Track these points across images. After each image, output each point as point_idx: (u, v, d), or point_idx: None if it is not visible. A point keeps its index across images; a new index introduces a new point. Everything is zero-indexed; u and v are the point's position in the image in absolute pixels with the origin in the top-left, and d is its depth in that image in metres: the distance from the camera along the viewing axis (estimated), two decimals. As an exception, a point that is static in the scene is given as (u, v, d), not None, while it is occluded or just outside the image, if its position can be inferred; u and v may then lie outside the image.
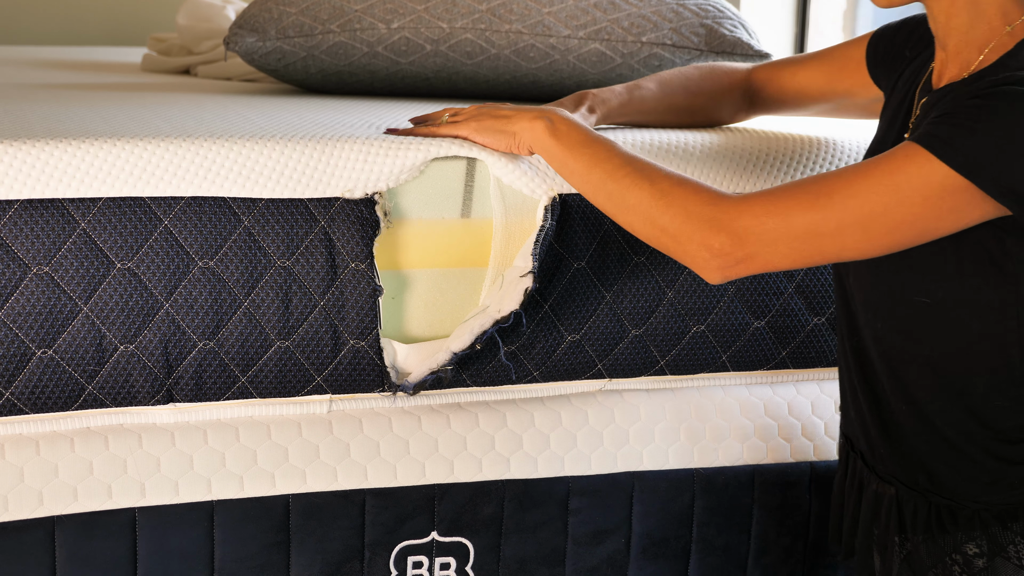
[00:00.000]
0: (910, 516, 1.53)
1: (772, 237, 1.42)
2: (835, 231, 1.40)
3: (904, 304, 1.48)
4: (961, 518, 1.50)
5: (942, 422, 1.49)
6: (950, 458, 1.50)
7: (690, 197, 1.46)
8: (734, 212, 1.43)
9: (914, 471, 1.53)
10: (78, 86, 2.46)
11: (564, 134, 1.58)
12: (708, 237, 1.43)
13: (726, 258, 1.43)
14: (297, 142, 1.63)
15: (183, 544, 1.65)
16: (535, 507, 1.76)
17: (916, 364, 1.49)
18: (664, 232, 1.47)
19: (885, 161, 1.39)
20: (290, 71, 2.26)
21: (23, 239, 1.54)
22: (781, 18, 3.96)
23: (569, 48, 2.19)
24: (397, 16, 2.18)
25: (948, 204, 1.36)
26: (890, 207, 1.38)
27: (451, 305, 1.71)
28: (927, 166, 1.36)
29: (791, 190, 1.42)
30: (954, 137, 1.35)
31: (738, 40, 2.21)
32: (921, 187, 1.36)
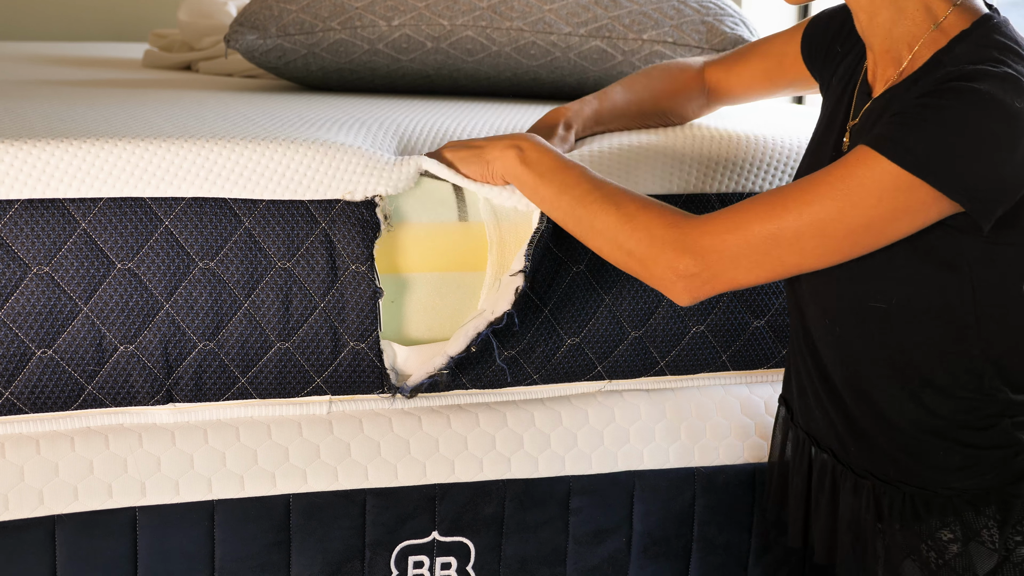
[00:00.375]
0: (887, 506, 1.54)
1: (733, 253, 1.43)
2: (793, 239, 1.41)
3: (862, 310, 1.49)
4: (934, 505, 1.50)
5: (906, 420, 1.50)
6: (917, 451, 1.50)
7: (654, 220, 1.48)
8: (696, 233, 1.45)
9: (884, 465, 1.53)
10: (79, 83, 2.46)
11: (534, 161, 1.61)
12: (673, 260, 1.46)
13: (692, 279, 1.46)
14: (298, 144, 1.62)
15: (183, 543, 1.65)
16: (536, 507, 1.76)
17: (876, 366, 1.50)
18: (631, 256, 1.50)
19: (838, 167, 1.40)
20: (291, 68, 2.26)
21: (23, 239, 1.54)
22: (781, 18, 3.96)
23: (570, 45, 2.19)
24: (398, 13, 2.18)
25: (902, 204, 1.37)
26: (845, 211, 1.38)
27: (450, 309, 1.71)
28: (878, 167, 1.36)
29: (748, 204, 1.44)
30: (904, 137, 1.36)
31: (739, 37, 2.21)
32: (874, 188, 1.37)
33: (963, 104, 1.34)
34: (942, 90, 1.36)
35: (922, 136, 1.35)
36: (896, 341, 1.47)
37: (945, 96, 1.36)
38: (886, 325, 1.47)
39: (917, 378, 1.48)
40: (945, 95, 1.36)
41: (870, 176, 1.37)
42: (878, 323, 1.48)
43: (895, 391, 1.49)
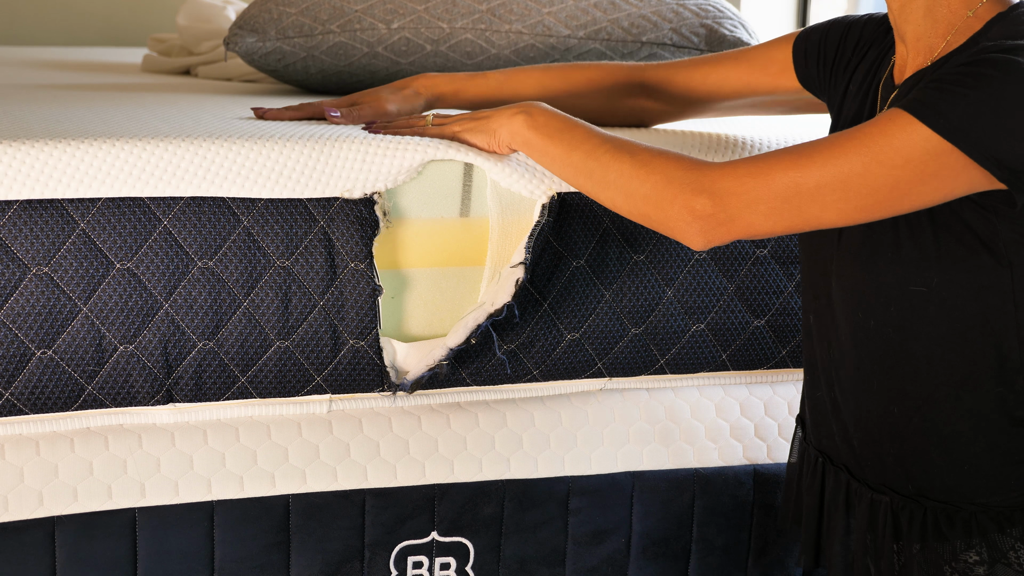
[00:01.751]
0: (906, 523, 1.51)
1: (753, 197, 1.40)
2: (815, 190, 1.38)
3: (899, 297, 1.46)
4: (958, 522, 1.47)
5: (941, 419, 1.47)
6: (948, 457, 1.48)
7: (670, 164, 1.46)
8: (715, 174, 1.42)
9: (906, 477, 1.50)
10: (78, 87, 2.46)
11: (542, 125, 1.59)
12: (690, 199, 1.43)
13: (708, 220, 1.43)
14: (296, 142, 1.63)
15: (183, 544, 1.65)
16: (535, 507, 1.76)
17: (912, 360, 1.47)
18: (646, 200, 1.47)
19: (868, 126, 1.38)
20: (290, 71, 2.26)
21: (23, 239, 1.54)
22: (781, 18, 3.97)
23: (569, 48, 2.19)
24: (397, 16, 2.18)
25: (930, 168, 1.34)
26: (870, 167, 1.36)
27: (451, 304, 1.71)
28: (909, 128, 1.34)
29: (773, 153, 1.42)
30: (939, 102, 1.34)
31: (738, 40, 2.21)
32: (903, 149, 1.35)
33: (1001, 74, 1.32)
34: (981, 60, 1.34)
35: (957, 102, 1.33)
36: (936, 328, 1.44)
37: (983, 66, 1.34)
38: (924, 313, 1.45)
39: (955, 373, 1.45)
40: (983, 65, 1.34)
41: (901, 136, 1.35)
42: (916, 311, 1.45)
43: (932, 387, 1.46)
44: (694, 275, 1.76)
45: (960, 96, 1.33)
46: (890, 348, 1.48)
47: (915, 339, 1.46)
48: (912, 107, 1.35)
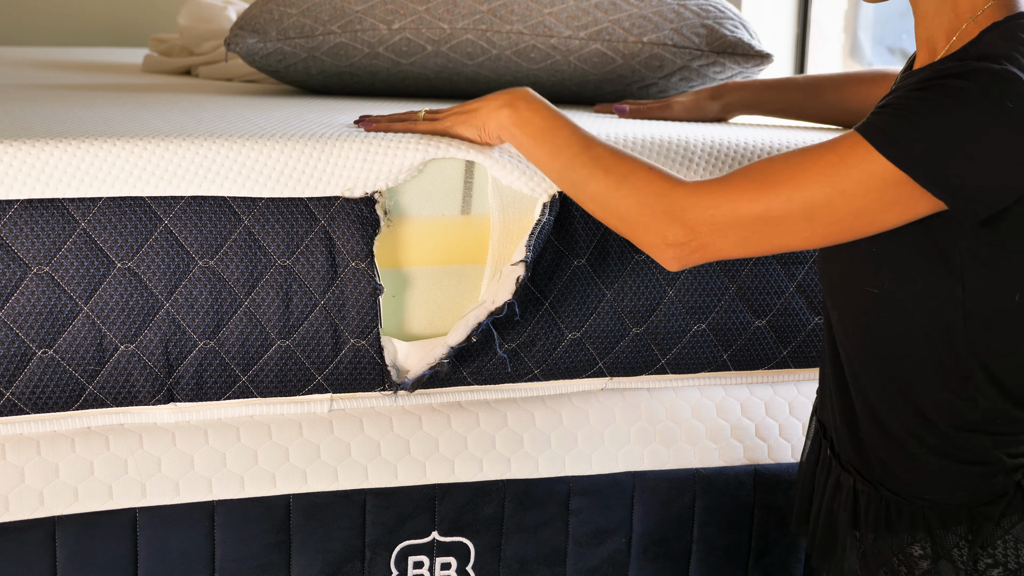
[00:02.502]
0: (863, 509, 1.54)
1: (723, 227, 1.44)
2: (781, 220, 1.41)
3: (856, 295, 1.49)
4: (906, 514, 1.50)
5: (889, 416, 1.50)
6: (897, 452, 1.50)
7: (643, 188, 1.48)
8: (686, 203, 1.45)
9: (870, 461, 1.54)
10: (79, 87, 2.46)
11: (526, 121, 1.60)
12: (662, 228, 1.46)
13: (681, 248, 1.46)
14: (297, 141, 1.63)
15: (184, 544, 1.65)
16: (536, 507, 1.76)
17: (866, 356, 1.50)
18: (622, 221, 1.50)
19: (829, 151, 1.39)
20: (291, 72, 2.26)
21: (23, 239, 1.54)
22: (782, 18, 3.97)
23: (570, 49, 2.19)
24: (398, 17, 2.18)
25: (889, 196, 1.37)
26: (833, 198, 1.38)
27: (452, 302, 1.71)
28: (867, 157, 1.36)
29: (740, 178, 1.44)
30: (892, 128, 1.35)
31: (739, 40, 2.21)
32: (862, 179, 1.37)
33: (951, 99, 1.33)
34: (934, 84, 1.35)
35: (908, 129, 1.34)
36: (886, 330, 1.47)
37: (935, 90, 1.35)
38: (877, 311, 1.47)
39: (904, 371, 1.47)
40: (934, 89, 1.35)
41: (859, 166, 1.37)
42: (871, 309, 1.48)
43: (884, 382, 1.49)
44: (695, 275, 1.76)
45: (914, 124, 1.34)
46: (851, 343, 1.52)
47: (868, 337, 1.49)
48: (869, 133, 1.37)
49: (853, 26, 3.97)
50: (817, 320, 1.82)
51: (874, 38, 3.99)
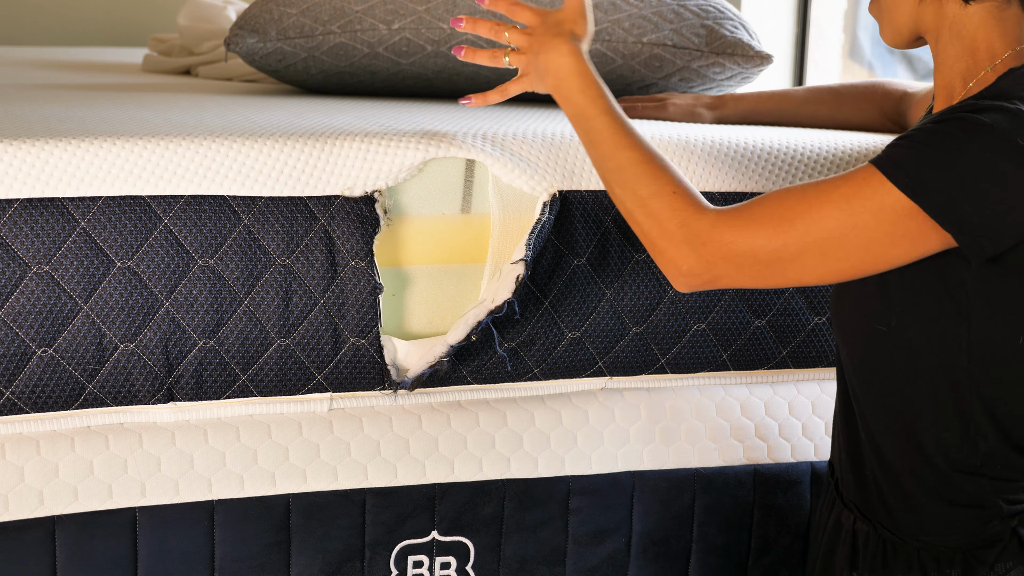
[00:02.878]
0: (861, 548, 1.55)
1: (738, 263, 1.44)
2: (796, 257, 1.41)
3: (864, 332, 1.49)
4: (902, 555, 1.51)
5: (892, 454, 1.50)
6: (896, 491, 1.51)
7: (664, 212, 1.47)
8: (705, 236, 1.44)
9: (871, 500, 1.54)
10: (79, 86, 2.46)
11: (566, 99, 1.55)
12: (678, 257, 1.46)
13: (695, 278, 1.46)
14: (296, 140, 1.63)
15: (183, 544, 1.65)
16: (535, 507, 1.76)
17: (872, 394, 1.51)
18: (644, 235, 1.50)
19: (844, 184, 1.39)
20: (291, 72, 2.26)
21: (23, 238, 1.54)
22: (781, 18, 3.97)
23: (569, 49, 2.19)
24: (398, 17, 2.18)
25: (900, 230, 1.37)
26: (847, 232, 1.39)
27: (452, 301, 1.71)
28: (880, 189, 1.37)
29: (757, 212, 1.43)
30: (906, 161, 1.36)
31: (739, 41, 2.21)
32: (875, 211, 1.37)
33: (966, 136, 1.34)
34: (950, 119, 1.36)
35: (921, 162, 1.35)
36: (892, 368, 1.48)
37: (950, 124, 1.35)
38: (885, 349, 1.48)
39: (908, 410, 1.48)
40: (950, 123, 1.35)
41: (872, 197, 1.37)
42: (879, 347, 1.48)
43: (888, 420, 1.50)
44: (695, 274, 1.76)
45: (926, 157, 1.35)
46: (859, 381, 1.52)
47: (875, 375, 1.50)
48: (883, 165, 1.37)
49: (853, 26, 3.97)
50: (816, 320, 1.82)
51: (873, 39, 3.99)
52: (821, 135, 1.87)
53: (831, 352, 1.85)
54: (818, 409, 1.88)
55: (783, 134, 1.85)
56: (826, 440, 1.88)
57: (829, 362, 1.87)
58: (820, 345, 1.84)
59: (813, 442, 1.87)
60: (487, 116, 1.92)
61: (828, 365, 1.87)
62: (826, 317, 1.82)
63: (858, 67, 3.97)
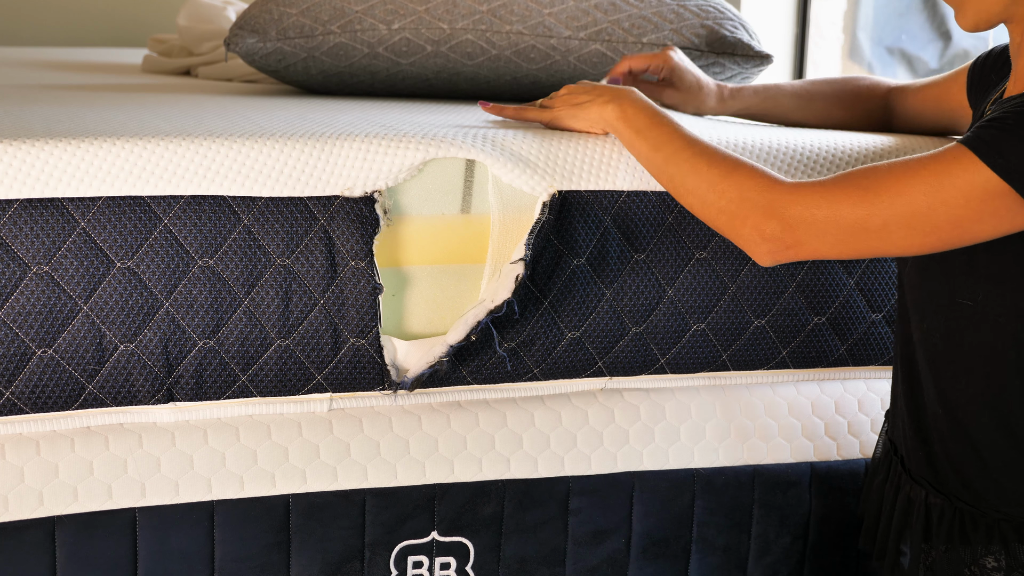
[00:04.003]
0: (936, 522, 1.55)
1: (821, 228, 1.45)
2: (881, 227, 1.43)
3: (948, 306, 1.50)
4: (982, 527, 1.51)
5: (974, 428, 1.51)
6: (978, 465, 1.51)
7: (745, 182, 1.50)
8: (787, 199, 1.47)
9: (944, 475, 1.55)
10: (78, 87, 2.46)
11: (631, 117, 1.65)
12: (761, 222, 1.48)
13: (776, 243, 1.48)
14: (296, 141, 1.63)
15: (183, 544, 1.65)
16: (535, 507, 1.76)
17: (954, 368, 1.51)
18: (720, 213, 1.52)
19: (933, 161, 1.41)
20: (291, 72, 2.26)
21: (23, 238, 1.54)
22: (781, 18, 3.97)
23: (570, 49, 2.19)
24: (398, 17, 2.18)
25: (989, 208, 1.38)
26: (934, 207, 1.40)
27: (452, 301, 1.71)
28: (971, 168, 1.38)
29: (842, 182, 1.45)
30: (998, 140, 1.37)
31: (739, 41, 2.21)
32: (964, 189, 1.38)
33: None
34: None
35: (1013, 142, 1.36)
36: (978, 341, 1.48)
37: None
38: (970, 323, 1.48)
39: (993, 383, 1.48)
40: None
41: (962, 176, 1.38)
42: (961, 323, 1.49)
43: (972, 394, 1.50)
44: (695, 274, 1.76)
45: (1017, 135, 1.36)
46: (937, 353, 1.53)
47: (958, 348, 1.51)
48: (974, 144, 1.38)
49: (852, 27, 3.97)
50: (817, 320, 1.82)
51: (873, 39, 3.99)
52: (821, 135, 1.87)
53: (831, 353, 1.85)
54: (818, 410, 1.88)
55: (782, 134, 1.85)
56: (826, 440, 1.87)
57: (829, 362, 1.86)
58: (820, 346, 1.84)
59: (813, 443, 1.87)
60: (486, 116, 1.92)
61: (828, 365, 1.87)
62: (826, 317, 1.82)
63: (858, 67, 3.97)
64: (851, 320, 1.83)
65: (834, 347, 1.85)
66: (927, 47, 3.89)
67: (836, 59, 4.00)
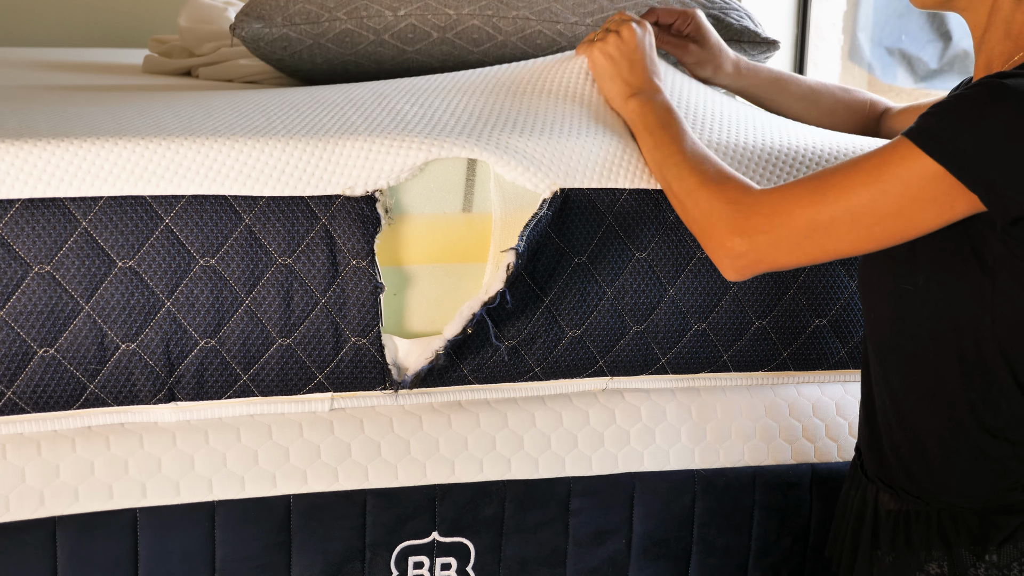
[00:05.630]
0: (883, 524, 1.56)
1: (777, 235, 1.48)
2: (829, 225, 1.45)
3: (891, 293, 1.51)
4: (922, 522, 1.52)
5: (914, 415, 1.52)
6: (919, 454, 1.52)
7: (716, 195, 1.54)
8: (748, 211, 1.50)
9: (890, 466, 1.56)
10: (79, 87, 2.46)
11: (647, 114, 1.73)
12: (725, 239, 1.51)
13: (740, 259, 1.50)
14: (298, 140, 1.63)
15: (184, 544, 1.65)
16: (536, 507, 1.76)
17: (897, 356, 1.53)
18: (694, 223, 1.57)
19: (876, 155, 1.43)
20: (296, 60, 2.25)
21: (24, 238, 1.54)
22: (781, 19, 3.97)
23: (576, 35, 2.19)
24: (404, 3, 2.18)
25: (928, 194, 1.39)
26: (876, 198, 1.42)
27: (453, 300, 1.71)
28: (909, 155, 1.39)
29: (794, 186, 1.48)
30: (933, 126, 1.38)
31: (745, 28, 2.22)
32: (903, 176, 1.40)
33: (990, 97, 1.36)
34: (977, 84, 1.38)
35: (947, 126, 1.37)
36: (918, 328, 1.49)
37: (977, 89, 1.38)
38: (911, 308, 1.49)
39: (933, 369, 1.49)
40: (977, 88, 1.38)
41: (900, 163, 1.40)
42: (904, 306, 1.50)
43: (912, 381, 1.51)
44: (696, 274, 1.76)
45: (952, 121, 1.37)
46: (883, 342, 1.55)
47: (901, 336, 1.52)
48: (912, 133, 1.40)
49: (852, 27, 3.98)
50: (818, 322, 1.82)
51: (873, 39, 3.99)
52: (821, 136, 1.87)
53: (832, 354, 1.85)
54: (819, 411, 1.88)
55: (783, 135, 1.85)
56: (827, 442, 1.88)
57: (830, 365, 1.86)
58: (821, 347, 1.84)
59: (814, 444, 1.87)
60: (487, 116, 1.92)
61: (829, 367, 1.87)
62: (827, 319, 1.82)
63: (857, 68, 3.97)
64: (852, 322, 1.83)
65: (835, 349, 1.85)
66: (927, 47, 3.89)
67: (836, 59, 4.01)
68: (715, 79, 2.02)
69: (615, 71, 1.80)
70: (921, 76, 3.89)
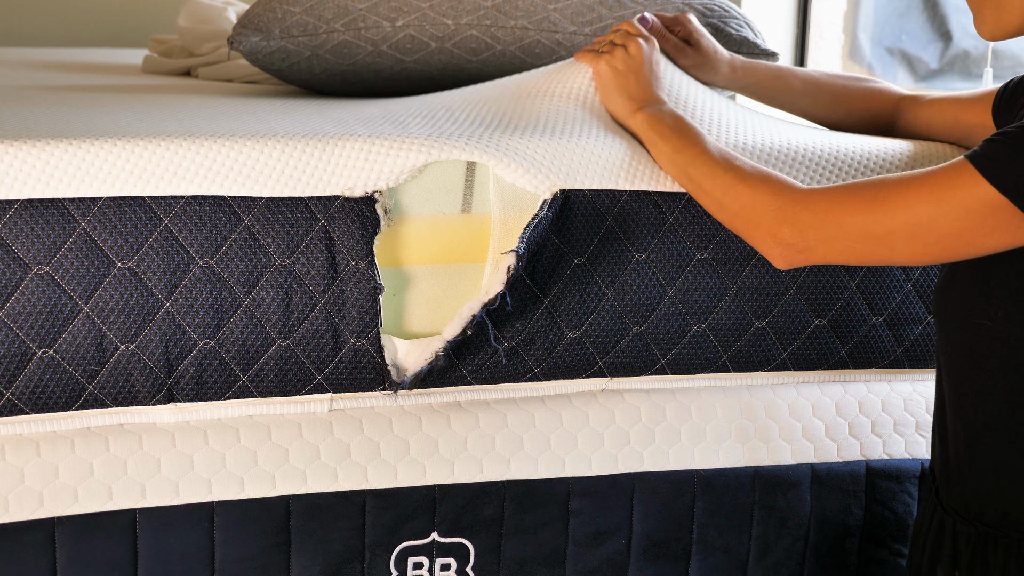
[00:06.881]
0: (963, 549, 1.55)
1: (829, 234, 1.48)
2: (885, 235, 1.45)
3: (967, 327, 1.51)
4: (1001, 549, 1.50)
5: (992, 450, 1.51)
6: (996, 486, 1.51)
7: (759, 187, 1.55)
8: (799, 205, 1.50)
9: (967, 499, 1.55)
10: (78, 87, 2.46)
11: (658, 121, 1.73)
12: (773, 227, 1.52)
13: (789, 248, 1.51)
14: (297, 141, 1.63)
15: (183, 545, 1.65)
16: (536, 508, 1.76)
17: (975, 388, 1.52)
18: (735, 217, 1.58)
19: (938, 174, 1.42)
20: (294, 71, 2.26)
21: (23, 239, 1.54)
22: (781, 18, 3.97)
23: (575, 44, 2.19)
24: (402, 14, 2.18)
25: (991, 221, 1.39)
26: (936, 219, 1.41)
27: (452, 301, 1.71)
28: (971, 181, 1.39)
29: (851, 190, 1.48)
30: (999, 155, 1.38)
31: (744, 39, 2.21)
32: (965, 201, 1.39)
33: None
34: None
35: (1013, 156, 1.36)
36: (998, 363, 1.48)
37: None
38: (990, 344, 1.49)
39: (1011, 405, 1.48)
40: None
41: (963, 189, 1.39)
42: (982, 343, 1.49)
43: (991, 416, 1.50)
44: (696, 275, 1.76)
45: (1018, 151, 1.36)
46: (960, 375, 1.54)
47: (978, 369, 1.51)
48: (977, 159, 1.39)
49: (852, 27, 3.98)
50: (818, 322, 1.82)
51: (873, 39, 3.99)
52: (822, 136, 1.87)
53: (832, 355, 1.85)
54: (818, 411, 1.88)
55: (784, 135, 1.85)
56: (826, 442, 1.87)
57: (829, 365, 1.86)
58: (821, 348, 1.84)
59: (814, 444, 1.87)
60: (486, 118, 1.92)
61: (829, 368, 1.87)
62: (827, 319, 1.82)
63: (858, 67, 3.97)
64: (852, 323, 1.83)
65: (835, 349, 1.85)
66: (927, 48, 3.89)
67: (836, 59, 4.00)
68: (713, 81, 2.01)
69: (621, 85, 1.81)
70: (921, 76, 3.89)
